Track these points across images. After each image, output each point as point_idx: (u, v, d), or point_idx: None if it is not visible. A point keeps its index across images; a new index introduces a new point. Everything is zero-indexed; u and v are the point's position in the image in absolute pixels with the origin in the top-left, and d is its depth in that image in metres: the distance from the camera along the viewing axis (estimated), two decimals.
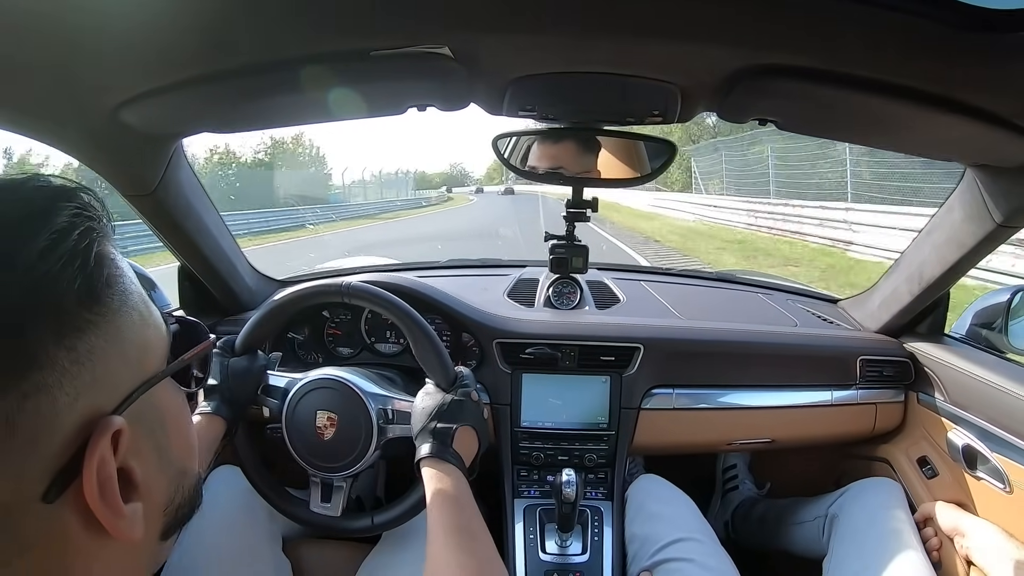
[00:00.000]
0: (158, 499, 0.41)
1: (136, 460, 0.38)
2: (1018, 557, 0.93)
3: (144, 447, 0.39)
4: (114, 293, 0.37)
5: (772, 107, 0.81)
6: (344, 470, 0.90)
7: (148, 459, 0.40)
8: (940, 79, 0.64)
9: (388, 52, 0.66)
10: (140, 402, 0.38)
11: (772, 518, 1.37)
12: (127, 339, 0.38)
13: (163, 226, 1.06)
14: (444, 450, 0.80)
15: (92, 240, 0.36)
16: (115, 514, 0.35)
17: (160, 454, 0.41)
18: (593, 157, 1.12)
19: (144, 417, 0.39)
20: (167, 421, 0.42)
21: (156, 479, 0.41)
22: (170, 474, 0.43)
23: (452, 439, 0.81)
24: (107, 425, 0.35)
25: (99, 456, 0.34)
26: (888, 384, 1.27)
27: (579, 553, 1.11)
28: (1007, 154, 0.81)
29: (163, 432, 0.42)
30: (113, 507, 0.35)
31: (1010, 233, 1.00)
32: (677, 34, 0.62)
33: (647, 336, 1.21)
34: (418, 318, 0.90)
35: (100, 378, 0.35)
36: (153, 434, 0.40)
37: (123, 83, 0.68)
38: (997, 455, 1.02)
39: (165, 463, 0.42)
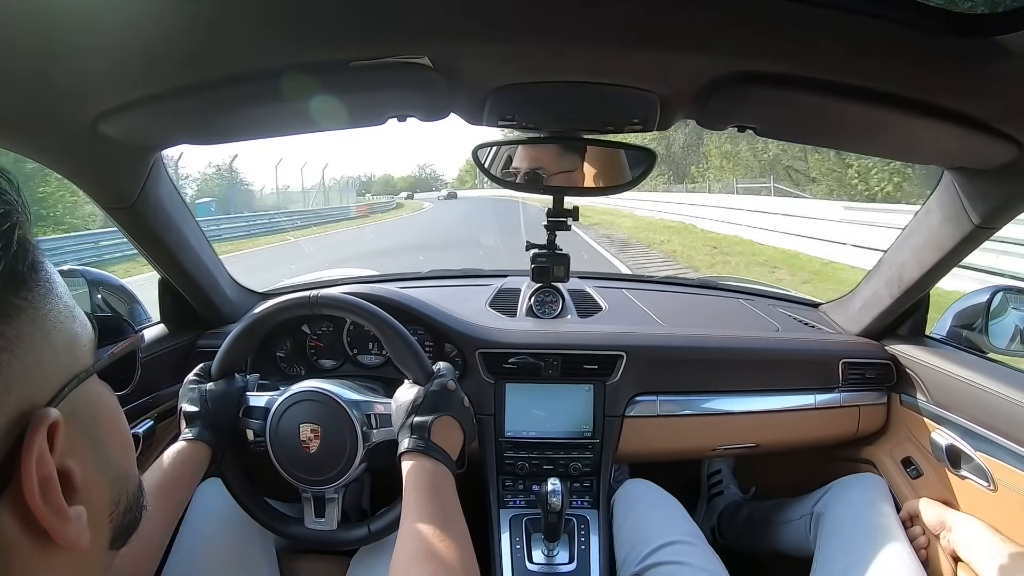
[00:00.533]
0: (101, 503, 0.39)
1: (74, 460, 0.36)
2: (1004, 551, 0.94)
3: (81, 446, 0.37)
4: (39, 280, 0.36)
5: (751, 114, 0.82)
6: (334, 481, 0.89)
7: (86, 459, 0.37)
8: (918, 84, 0.65)
9: (367, 63, 0.66)
10: (73, 398, 0.36)
11: (758, 519, 1.37)
12: (55, 329, 0.36)
13: (143, 239, 1.05)
14: (422, 443, 0.79)
15: (13, 223, 0.34)
16: (59, 517, 0.33)
17: (98, 454, 0.39)
18: (573, 166, 1.12)
19: (77, 414, 0.37)
20: (101, 419, 0.40)
21: (97, 481, 0.39)
22: (110, 476, 0.40)
23: (430, 432, 0.80)
24: (42, 417, 0.33)
25: (37, 451, 0.32)
26: (871, 386, 1.28)
27: (566, 562, 1.11)
28: (984, 156, 0.82)
29: (98, 430, 0.40)
30: (56, 508, 0.33)
31: (988, 234, 1.01)
32: (657, 43, 0.62)
33: (630, 344, 1.21)
34: (388, 318, 0.90)
35: (31, 368, 0.34)
36: (88, 432, 0.38)
37: (102, 94, 0.68)
38: (981, 454, 1.03)
39: (104, 464, 0.40)
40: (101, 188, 0.92)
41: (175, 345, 1.22)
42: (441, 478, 0.77)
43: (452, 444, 0.83)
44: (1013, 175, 0.84)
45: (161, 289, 1.24)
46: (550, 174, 1.12)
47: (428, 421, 0.81)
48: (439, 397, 0.84)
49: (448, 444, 0.82)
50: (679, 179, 28.42)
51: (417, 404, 0.83)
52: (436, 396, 0.84)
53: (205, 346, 1.24)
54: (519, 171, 1.12)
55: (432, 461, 0.78)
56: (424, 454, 0.78)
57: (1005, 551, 0.93)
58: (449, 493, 0.75)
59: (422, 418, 0.81)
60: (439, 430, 0.81)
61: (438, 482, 0.76)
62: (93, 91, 0.67)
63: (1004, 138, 0.72)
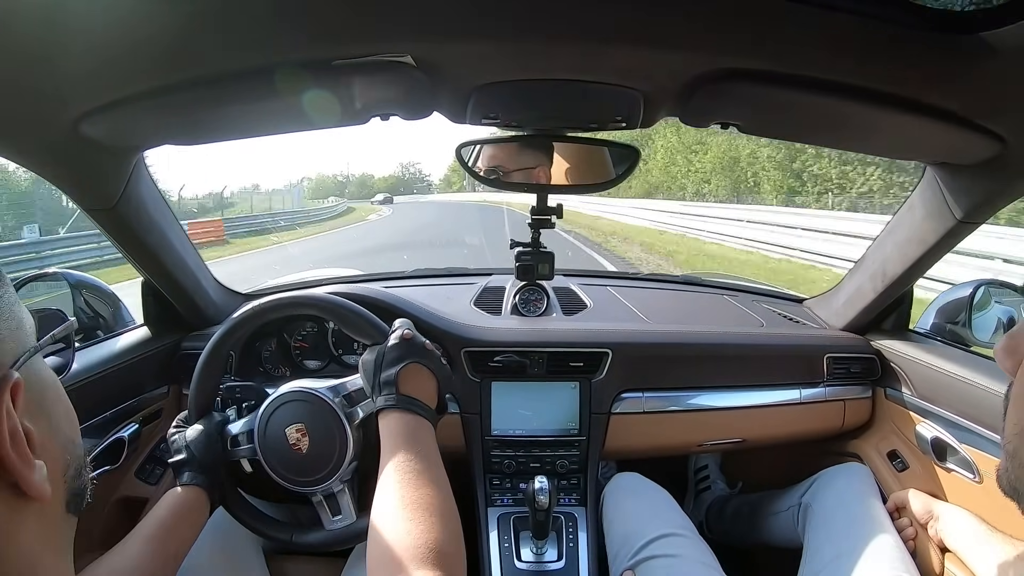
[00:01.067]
0: (55, 463, 0.44)
1: (31, 422, 0.40)
2: (992, 540, 0.94)
3: (34, 411, 0.42)
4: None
5: (734, 111, 0.82)
6: (335, 473, 0.88)
7: (40, 424, 0.42)
8: (901, 81, 0.65)
9: (350, 61, 0.66)
10: (25, 371, 0.41)
11: (746, 513, 1.38)
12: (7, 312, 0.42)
13: (125, 241, 1.04)
14: (393, 397, 0.77)
15: None
16: (26, 464, 0.38)
17: (49, 420, 0.44)
18: (557, 164, 1.12)
19: (31, 383, 0.42)
20: (48, 390, 0.45)
21: (50, 443, 0.43)
22: (60, 440, 0.45)
23: (398, 384, 0.78)
24: (7, 378, 0.38)
25: (5, 407, 0.37)
26: (855, 380, 1.29)
27: (555, 560, 1.11)
28: (967, 152, 0.82)
29: (46, 399, 0.45)
30: (24, 457, 0.38)
31: (971, 229, 1.02)
32: (640, 40, 0.62)
33: (615, 341, 1.21)
34: (326, 296, 0.90)
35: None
36: (39, 400, 0.43)
37: (84, 95, 0.67)
38: (966, 446, 1.04)
39: (55, 429, 0.45)
40: (82, 190, 0.91)
41: (159, 347, 1.21)
42: (415, 427, 0.75)
43: (425, 391, 0.81)
44: (995, 170, 0.85)
45: (144, 291, 1.23)
46: (534, 172, 1.12)
47: (393, 374, 0.79)
48: (399, 348, 0.82)
49: (420, 391, 0.80)
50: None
51: (380, 361, 0.81)
52: (396, 348, 0.82)
53: (189, 348, 1.23)
54: (503, 169, 1.12)
55: (405, 413, 0.76)
56: (396, 408, 0.77)
57: (992, 541, 0.94)
58: (425, 441, 0.74)
59: (387, 372, 0.79)
60: (407, 380, 0.79)
61: (411, 431, 0.74)
62: (75, 92, 0.66)
63: (987, 134, 0.73)
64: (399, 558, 0.58)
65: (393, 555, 0.59)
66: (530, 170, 1.12)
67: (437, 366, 0.84)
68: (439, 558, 0.58)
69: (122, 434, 1.08)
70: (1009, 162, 0.80)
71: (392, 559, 0.58)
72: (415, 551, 0.58)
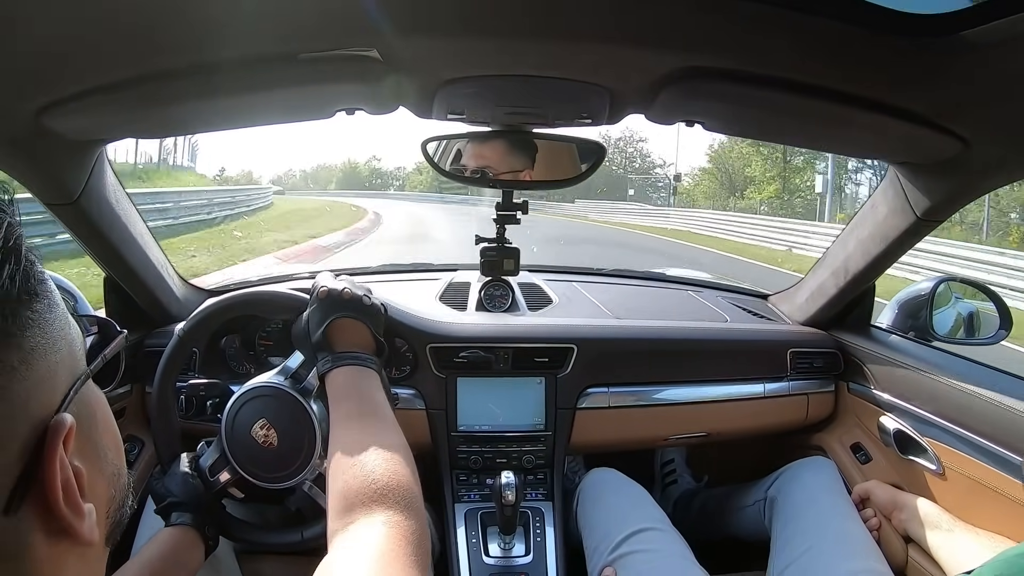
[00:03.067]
0: (102, 499, 0.41)
1: (81, 461, 0.37)
2: (954, 529, 0.97)
3: (86, 446, 0.39)
4: (46, 290, 0.37)
5: (700, 109, 0.83)
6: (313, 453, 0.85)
7: (90, 459, 0.39)
8: (865, 81, 0.67)
9: (315, 55, 0.66)
10: (76, 401, 0.38)
11: (712, 508, 1.39)
12: (58, 336, 0.38)
13: (87, 236, 1.02)
14: (328, 357, 0.77)
15: (19, 236, 0.35)
16: (78, 516, 0.35)
17: (98, 453, 0.41)
18: (523, 159, 1.12)
19: (81, 415, 0.38)
20: (97, 418, 0.42)
21: (98, 479, 0.40)
22: (108, 474, 0.42)
23: (330, 343, 0.78)
24: (61, 423, 0.35)
25: (59, 457, 0.34)
26: (819, 375, 1.31)
27: (523, 555, 1.11)
28: (929, 152, 0.84)
29: (97, 431, 0.41)
30: (75, 508, 0.35)
31: (931, 227, 1.04)
32: (607, 37, 0.62)
33: (580, 336, 1.22)
34: (237, 295, 0.91)
35: (43, 377, 0.35)
36: (89, 432, 0.40)
37: (45, 87, 0.66)
38: (928, 439, 1.06)
39: (104, 462, 0.41)
40: (43, 184, 0.88)
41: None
42: (356, 378, 0.75)
43: (359, 339, 0.80)
44: (957, 170, 0.86)
45: (106, 287, 1.21)
46: (500, 168, 1.12)
47: (322, 335, 0.79)
48: (320, 307, 0.81)
49: (354, 341, 0.79)
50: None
51: (306, 327, 0.81)
52: (317, 309, 0.81)
53: (152, 345, 1.21)
54: (468, 165, 1.12)
55: (343, 367, 0.76)
56: (335, 366, 0.76)
57: (955, 530, 0.97)
58: (371, 388, 0.73)
59: (316, 336, 0.79)
60: (336, 335, 0.79)
61: (355, 383, 0.74)
62: (36, 84, 0.65)
63: (949, 134, 0.74)
64: (356, 498, 0.57)
65: (349, 495, 0.58)
66: (496, 166, 1.12)
67: (362, 311, 0.82)
68: (397, 494, 0.58)
69: None
70: (970, 162, 0.82)
71: (349, 499, 0.58)
72: (372, 489, 0.58)
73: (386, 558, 0.50)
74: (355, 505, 0.57)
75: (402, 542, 0.52)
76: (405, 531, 0.54)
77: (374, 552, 0.50)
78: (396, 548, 0.51)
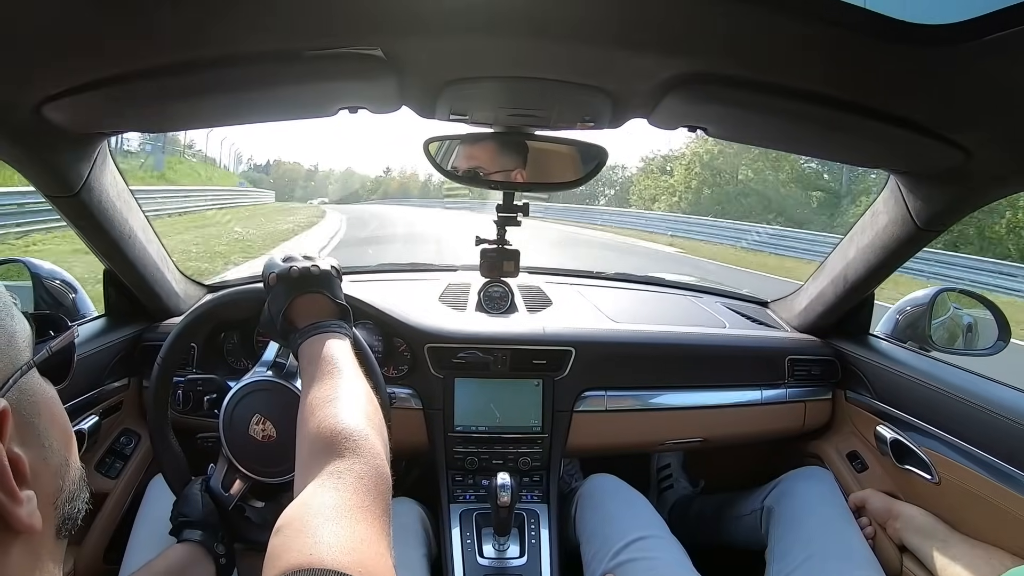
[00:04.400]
0: (47, 489, 0.41)
1: (21, 448, 0.38)
2: (949, 540, 0.97)
3: (26, 435, 0.39)
4: None
5: (703, 114, 0.83)
6: None
7: (32, 447, 0.39)
8: (869, 90, 0.66)
9: (320, 53, 0.65)
10: (16, 391, 0.39)
11: (709, 515, 1.39)
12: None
13: (87, 228, 1.02)
14: (297, 335, 0.77)
15: None
16: (12, 499, 0.35)
17: (41, 442, 0.41)
18: (525, 162, 1.12)
19: (22, 404, 0.39)
20: (42, 410, 0.42)
21: (42, 469, 0.40)
22: (54, 464, 0.42)
23: (294, 322, 0.78)
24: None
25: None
26: (816, 382, 1.31)
27: (517, 556, 1.11)
28: (930, 162, 0.84)
29: (40, 421, 0.41)
30: (8, 491, 0.35)
31: (931, 236, 1.04)
32: (612, 41, 0.62)
33: (579, 339, 1.22)
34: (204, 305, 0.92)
35: None
36: (33, 423, 0.40)
37: (48, 79, 0.65)
38: (924, 448, 1.06)
39: (48, 452, 0.42)
40: (44, 176, 0.89)
41: (120, 339, 1.19)
42: (319, 344, 0.74)
43: (318, 310, 0.80)
44: (958, 180, 0.86)
45: (106, 280, 1.21)
46: (501, 170, 1.12)
47: (282, 318, 0.79)
48: (276, 292, 0.80)
49: (315, 313, 0.79)
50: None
51: (270, 315, 0.81)
52: (274, 297, 0.80)
53: (151, 339, 1.21)
54: (470, 166, 1.12)
55: (309, 340, 0.75)
56: (301, 341, 0.76)
57: (950, 540, 0.97)
58: (331, 349, 0.73)
59: (280, 321, 0.79)
60: (297, 313, 0.79)
61: (315, 349, 0.73)
62: (38, 75, 0.65)
63: (951, 145, 0.74)
64: (316, 445, 0.58)
65: (314, 444, 0.58)
66: (498, 167, 1.12)
67: (314, 283, 0.81)
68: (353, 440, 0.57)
69: (82, 427, 1.06)
70: (972, 173, 0.82)
71: (312, 448, 0.58)
72: (329, 438, 0.58)
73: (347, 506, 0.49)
74: (317, 453, 0.57)
75: (361, 488, 0.52)
76: (361, 474, 0.54)
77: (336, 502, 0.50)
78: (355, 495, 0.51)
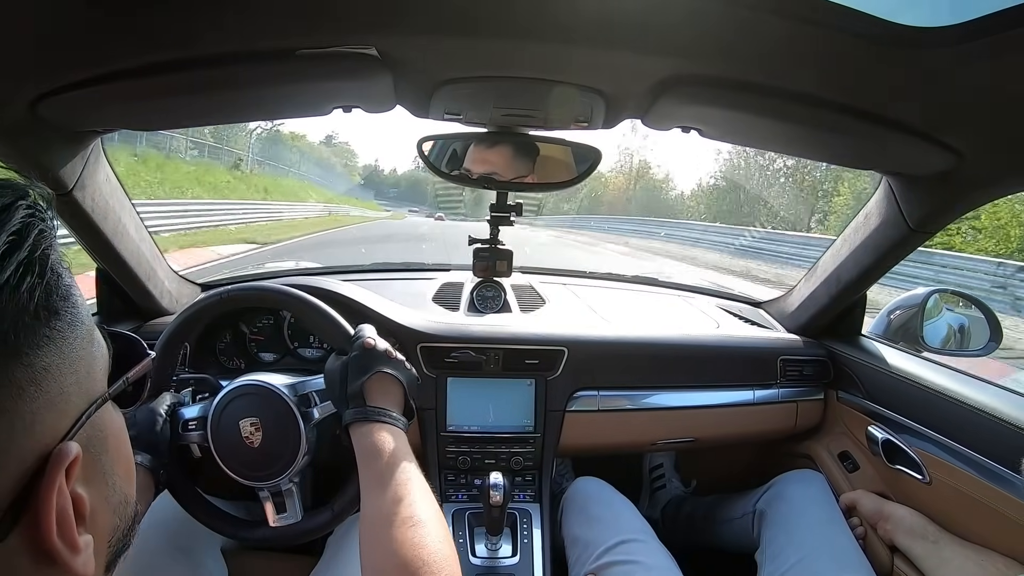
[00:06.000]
0: (104, 529, 0.38)
1: (84, 488, 0.35)
2: (939, 540, 0.98)
3: (92, 474, 0.37)
4: (69, 306, 0.35)
5: (697, 116, 0.83)
6: (285, 471, 0.86)
7: (96, 486, 0.37)
8: (862, 92, 0.67)
9: (314, 51, 0.65)
10: (88, 426, 0.36)
11: (700, 517, 1.39)
12: (77, 356, 0.35)
13: (80, 227, 1.01)
14: (361, 410, 0.77)
15: (48, 245, 0.33)
16: (71, 549, 0.33)
17: (106, 480, 0.38)
18: (518, 162, 1.12)
19: (91, 441, 0.36)
20: (110, 445, 0.39)
21: (102, 508, 0.38)
22: (114, 503, 0.40)
23: (364, 396, 0.79)
24: (65, 453, 0.32)
25: (57, 487, 0.32)
26: (808, 383, 1.31)
27: (509, 556, 1.11)
28: (923, 164, 0.84)
29: (108, 457, 0.39)
30: (70, 541, 0.33)
31: (923, 238, 1.04)
32: (606, 42, 0.63)
33: (571, 339, 1.22)
34: (298, 294, 0.90)
35: (53, 401, 0.33)
36: (99, 460, 0.38)
37: (43, 76, 0.65)
38: (916, 448, 1.07)
39: (111, 491, 0.39)
40: (37, 174, 0.88)
41: None
42: (388, 439, 0.74)
43: (392, 399, 0.81)
44: (950, 182, 0.87)
45: (98, 279, 1.20)
46: (495, 170, 1.12)
47: (359, 385, 0.79)
48: (363, 357, 0.81)
49: (388, 400, 0.80)
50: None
51: (345, 372, 0.81)
52: (360, 358, 0.81)
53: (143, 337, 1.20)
54: (463, 166, 1.12)
55: (375, 424, 0.75)
56: (366, 420, 0.76)
57: (940, 540, 0.98)
58: (400, 452, 0.73)
59: (354, 384, 0.79)
60: (374, 390, 0.79)
61: (384, 444, 0.73)
62: (31, 72, 0.64)
63: (943, 147, 0.75)
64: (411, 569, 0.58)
65: (403, 566, 0.59)
66: (491, 167, 1.12)
67: (403, 373, 0.84)
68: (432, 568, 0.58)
69: None
70: (964, 175, 0.83)
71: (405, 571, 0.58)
72: (408, 565, 0.58)
73: None
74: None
75: None
76: None
77: None
78: None
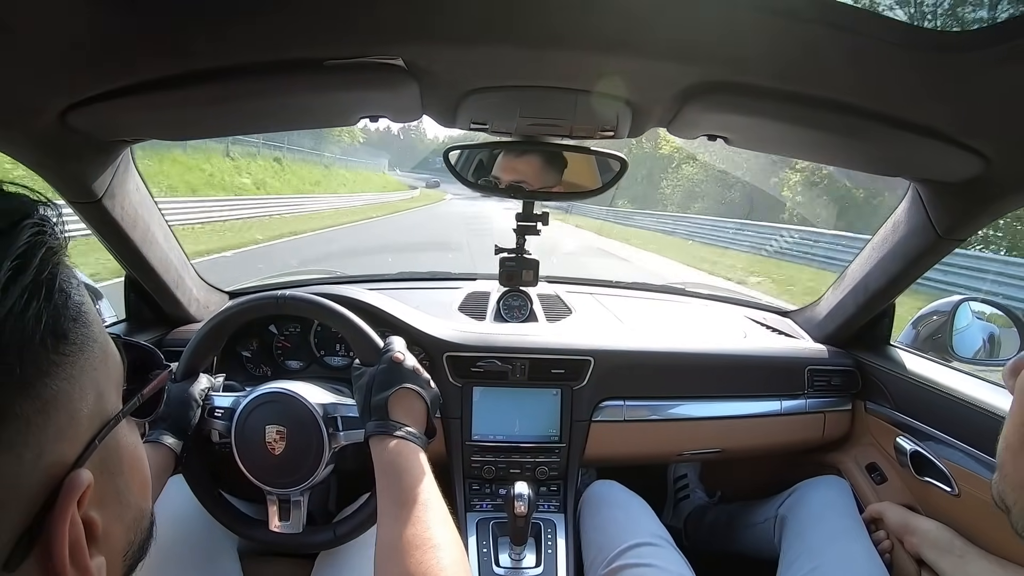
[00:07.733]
0: (118, 546, 0.38)
1: (97, 510, 0.34)
2: (968, 555, 0.96)
3: (105, 495, 0.35)
4: (79, 327, 0.33)
5: (723, 123, 0.83)
6: (299, 484, 0.87)
7: (109, 507, 0.36)
8: (889, 98, 0.66)
9: (341, 62, 0.66)
10: (102, 448, 0.35)
11: (723, 523, 1.38)
12: (89, 378, 0.34)
13: (109, 235, 1.02)
14: (383, 423, 0.78)
15: (56, 265, 0.31)
16: (84, 574, 0.32)
17: (120, 499, 0.37)
18: (544, 170, 1.13)
19: (105, 463, 0.35)
20: (125, 462, 0.38)
21: (116, 527, 0.37)
22: (128, 520, 0.38)
23: (388, 410, 0.79)
24: (77, 483, 0.31)
25: (69, 517, 0.31)
26: (836, 393, 1.30)
27: (533, 566, 1.10)
28: (951, 170, 0.83)
29: (122, 474, 0.37)
30: (82, 568, 0.32)
31: (952, 246, 1.03)
32: (631, 51, 0.62)
33: (597, 349, 1.21)
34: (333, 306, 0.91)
35: (63, 427, 0.31)
36: (113, 479, 0.37)
37: (73, 85, 0.66)
38: (944, 460, 1.05)
39: (124, 507, 0.38)
40: (67, 182, 0.89)
41: None
42: (407, 455, 0.75)
43: (415, 416, 0.81)
44: (978, 189, 0.85)
45: (127, 286, 1.22)
46: (521, 178, 1.13)
47: (384, 399, 0.79)
48: (390, 372, 0.82)
49: (410, 416, 0.80)
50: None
51: (371, 384, 0.82)
52: (387, 372, 0.82)
53: (170, 344, 1.22)
54: (490, 175, 1.13)
55: (396, 440, 0.76)
56: (387, 434, 0.76)
57: (968, 555, 0.96)
58: (418, 468, 0.73)
59: (378, 397, 0.80)
60: (397, 405, 0.80)
61: (404, 459, 0.74)
62: (64, 82, 0.65)
63: (971, 152, 0.74)
64: None
65: None
66: (517, 176, 1.13)
67: (427, 390, 0.84)
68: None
69: None
70: (992, 181, 0.81)
71: None
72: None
73: None
74: None
75: None
76: None
77: None
78: None
